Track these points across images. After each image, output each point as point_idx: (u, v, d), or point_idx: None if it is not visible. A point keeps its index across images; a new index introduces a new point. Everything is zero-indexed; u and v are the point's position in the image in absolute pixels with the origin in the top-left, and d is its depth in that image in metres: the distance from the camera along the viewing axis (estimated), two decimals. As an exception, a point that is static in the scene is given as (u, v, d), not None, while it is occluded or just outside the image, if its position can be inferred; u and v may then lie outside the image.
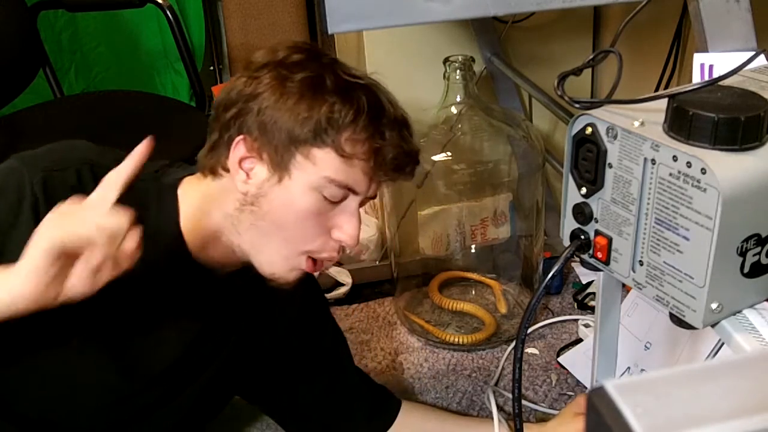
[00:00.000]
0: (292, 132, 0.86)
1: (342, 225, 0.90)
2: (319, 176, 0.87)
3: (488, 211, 1.63)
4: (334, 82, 0.87)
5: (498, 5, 0.99)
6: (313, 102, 0.86)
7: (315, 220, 0.89)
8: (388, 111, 0.90)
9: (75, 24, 2.40)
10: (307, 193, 0.87)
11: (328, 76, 0.88)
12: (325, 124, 0.86)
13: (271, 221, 0.89)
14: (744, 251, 0.66)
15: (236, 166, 0.89)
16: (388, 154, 0.88)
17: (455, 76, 1.49)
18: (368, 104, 0.88)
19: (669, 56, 1.61)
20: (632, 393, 0.34)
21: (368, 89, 0.89)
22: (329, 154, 0.86)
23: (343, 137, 0.86)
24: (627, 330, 1.27)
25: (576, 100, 0.71)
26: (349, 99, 0.87)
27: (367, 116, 0.87)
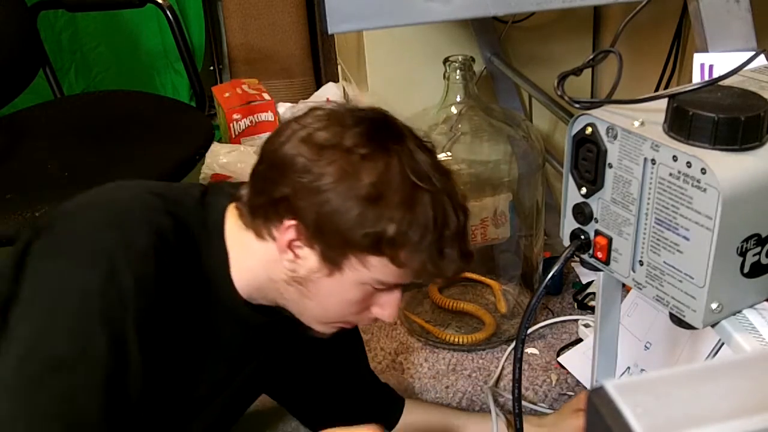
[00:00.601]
0: (350, 238, 0.84)
1: (383, 305, 0.92)
2: (371, 277, 0.87)
3: (488, 211, 1.63)
4: (401, 192, 0.83)
5: (498, 5, 0.99)
6: (378, 215, 0.83)
7: (359, 304, 0.91)
8: (450, 224, 0.86)
9: (75, 24, 2.40)
10: (357, 287, 0.88)
11: (394, 182, 0.83)
12: (386, 241, 0.83)
13: (317, 303, 0.90)
14: (744, 251, 0.66)
15: (284, 247, 0.87)
16: (443, 269, 0.87)
17: (455, 76, 1.49)
18: (434, 221, 0.84)
19: (669, 56, 1.61)
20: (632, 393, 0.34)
21: (435, 196, 0.85)
22: (384, 262, 0.85)
23: (402, 252, 0.84)
24: (627, 330, 1.27)
25: (576, 100, 0.71)
26: (415, 216, 0.83)
27: (432, 236, 0.84)
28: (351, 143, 0.84)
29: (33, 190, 1.42)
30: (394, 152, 0.85)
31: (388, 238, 0.83)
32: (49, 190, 1.42)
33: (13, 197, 1.40)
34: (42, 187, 1.43)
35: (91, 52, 2.48)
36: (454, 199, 0.87)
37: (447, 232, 0.86)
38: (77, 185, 1.43)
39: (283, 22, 2.63)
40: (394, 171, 0.83)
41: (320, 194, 0.83)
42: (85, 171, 1.49)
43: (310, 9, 2.66)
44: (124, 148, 1.58)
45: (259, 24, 2.63)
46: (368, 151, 0.83)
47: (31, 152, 1.60)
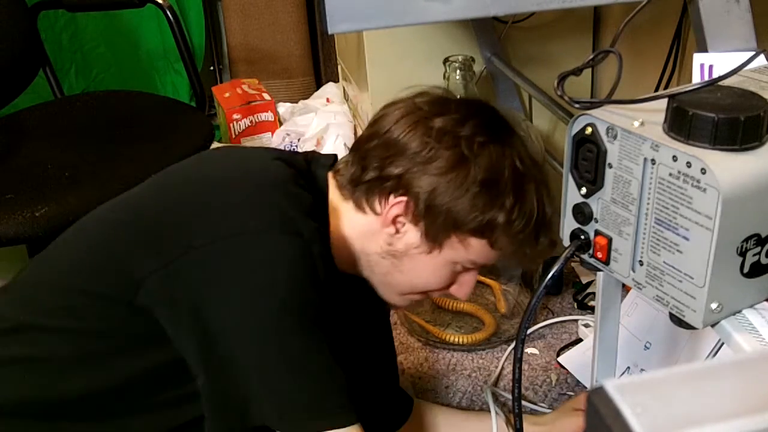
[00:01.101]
0: (459, 220, 0.88)
1: (462, 284, 0.97)
2: (467, 258, 0.92)
3: (488, 211, 1.63)
4: (511, 182, 0.89)
5: (498, 5, 0.99)
6: (490, 202, 0.88)
7: (445, 281, 0.95)
8: (547, 213, 0.92)
9: (75, 24, 2.40)
10: (449, 265, 0.93)
11: (505, 173, 0.89)
12: (494, 226, 0.89)
13: (407, 277, 0.94)
14: (744, 251, 0.66)
15: (389, 221, 0.91)
16: (533, 255, 0.93)
17: (455, 76, 1.49)
18: (537, 210, 0.90)
19: (669, 56, 1.61)
20: (632, 393, 0.34)
21: (536, 185, 0.91)
22: (484, 245, 0.91)
23: (504, 237, 0.90)
24: (627, 330, 1.27)
25: (576, 100, 0.71)
26: (523, 204, 0.89)
27: (532, 226, 0.90)
28: (469, 132, 0.89)
29: (33, 190, 1.42)
30: (507, 143, 0.91)
31: (497, 224, 0.88)
32: (49, 190, 1.42)
33: (13, 197, 1.40)
34: (42, 187, 1.44)
35: (91, 52, 2.48)
36: (548, 188, 0.93)
37: (543, 223, 0.91)
38: (77, 185, 1.44)
39: (283, 22, 2.63)
40: (507, 160, 0.89)
41: (436, 177, 0.87)
42: (85, 171, 1.49)
43: (310, 9, 2.66)
44: (124, 148, 1.58)
45: (259, 24, 2.63)
46: (484, 140, 0.89)
47: (31, 152, 1.60)
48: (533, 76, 1.68)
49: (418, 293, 0.98)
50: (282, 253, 0.82)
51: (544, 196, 0.92)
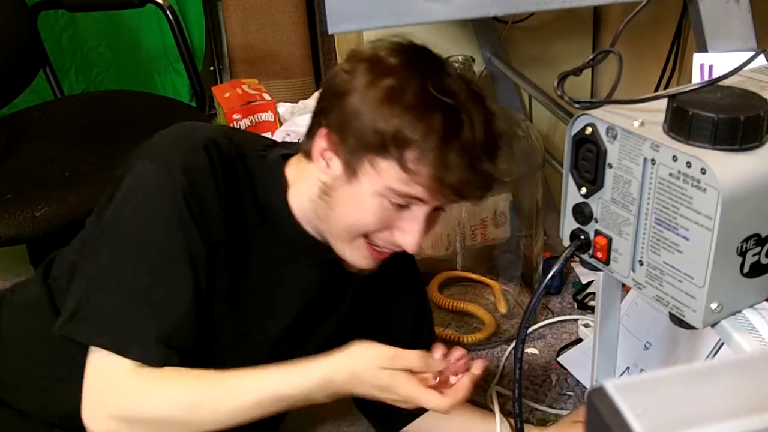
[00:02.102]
0: (362, 138, 0.88)
1: (405, 229, 0.93)
2: (383, 185, 0.89)
3: (488, 211, 1.63)
4: (415, 96, 0.87)
5: (498, 5, 0.99)
6: (388, 114, 0.87)
7: (378, 219, 0.92)
8: (463, 135, 0.87)
9: (75, 24, 2.40)
10: (373, 198, 0.90)
11: (411, 88, 0.87)
12: (391, 139, 0.86)
13: (338, 214, 0.93)
14: (744, 251, 0.66)
15: (318, 155, 0.93)
16: (449, 180, 0.88)
17: (455, 76, 1.49)
18: (443, 126, 0.86)
19: (669, 56, 1.61)
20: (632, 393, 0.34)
21: (451, 109, 0.87)
22: (393, 167, 0.88)
23: (408, 155, 0.87)
24: (626, 330, 1.27)
25: (576, 100, 0.71)
26: (422, 118, 0.86)
27: (438, 139, 0.86)
28: (384, 54, 0.90)
29: (33, 190, 1.42)
30: (422, 68, 0.89)
31: (390, 135, 0.86)
32: (49, 190, 1.42)
33: (13, 197, 1.40)
34: (42, 187, 1.43)
35: (91, 52, 2.48)
36: (476, 117, 0.88)
37: (456, 142, 0.87)
38: (77, 185, 1.43)
39: (283, 22, 2.63)
40: (415, 81, 0.88)
41: (345, 98, 0.89)
42: (85, 171, 1.49)
43: (310, 9, 2.65)
44: (124, 148, 1.57)
45: (259, 24, 2.63)
46: (397, 62, 0.89)
47: (31, 152, 1.60)
48: (533, 76, 1.68)
49: (361, 237, 0.94)
50: (142, 177, 0.91)
51: (462, 120, 0.87)
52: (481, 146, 0.89)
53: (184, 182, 0.89)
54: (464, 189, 0.90)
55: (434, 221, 0.97)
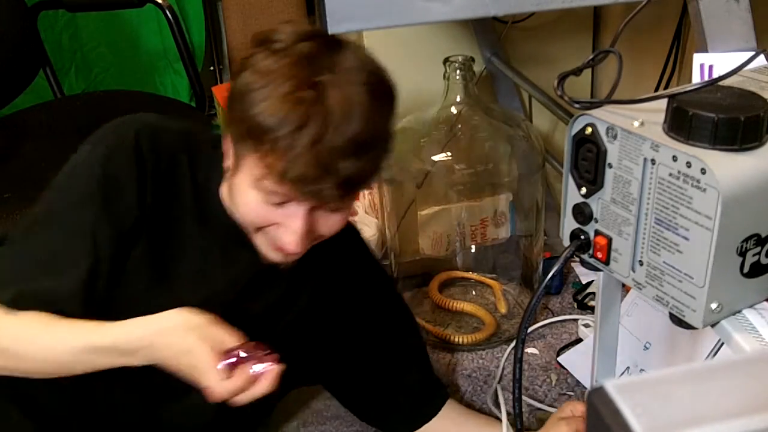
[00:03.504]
0: (236, 127, 0.89)
1: (283, 228, 0.91)
2: (251, 177, 0.88)
3: (488, 211, 1.63)
4: (279, 86, 0.84)
5: (498, 5, 0.99)
6: (251, 103, 0.85)
7: (258, 215, 0.91)
8: (309, 130, 0.83)
9: (75, 24, 2.40)
10: (249, 191, 0.89)
11: (281, 78, 0.84)
12: (252, 129, 0.85)
13: (234, 206, 0.94)
14: (744, 251, 0.66)
15: (228, 152, 0.94)
16: (292, 174, 0.84)
17: (455, 76, 1.49)
18: (298, 119, 0.83)
19: (669, 56, 1.61)
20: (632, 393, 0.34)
21: (312, 103, 0.83)
22: (254, 159, 0.87)
23: (263, 146, 0.85)
24: (626, 330, 1.27)
25: (576, 100, 0.71)
26: (280, 109, 0.83)
27: (288, 132, 0.83)
28: (273, 40, 0.88)
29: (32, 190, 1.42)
30: (300, 59, 0.85)
31: (245, 126, 0.86)
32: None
33: (10, 196, 1.40)
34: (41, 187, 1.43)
35: (91, 52, 2.48)
36: (342, 114, 0.84)
37: (306, 137, 0.83)
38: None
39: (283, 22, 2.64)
40: (287, 71, 0.84)
41: (233, 83, 0.90)
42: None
43: (310, 9, 2.66)
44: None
45: (259, 24, 2.63)
46: (281, 48, 0.86)
47: (30, 152, 1.60)
48: (533, 76, 1.68)
49: (261, 230, 0.94)
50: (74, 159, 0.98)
51: (322, 117, 0.83)
52: (339, 144, 0.84)
53: (103, 166, 0.93)
54: (311, 186, 0.85)
55: (331, 223, 0.93)
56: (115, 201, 0.93)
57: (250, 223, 0.93)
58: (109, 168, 0.94)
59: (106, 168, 0.94)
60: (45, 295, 0.90)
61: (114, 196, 0.93)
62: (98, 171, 0.94)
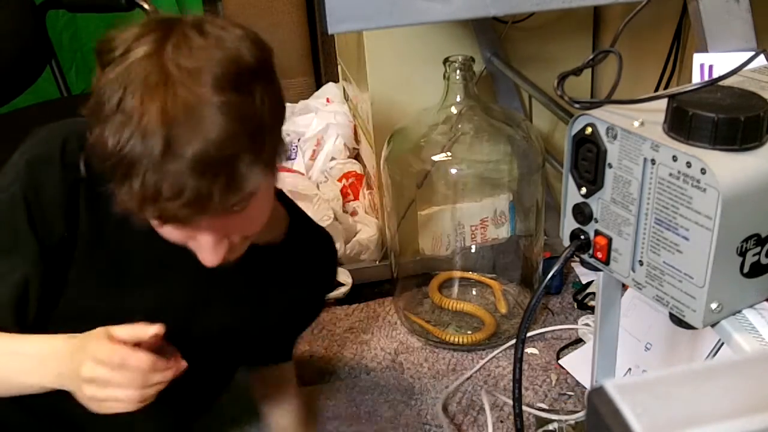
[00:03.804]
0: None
1: (197, 246, 0.85)
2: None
3: (488, 211, 1.63)
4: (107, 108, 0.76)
5: (498, 5, 0.99)
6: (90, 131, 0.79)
7: (167, 232, 0.84)
8: (144, 159, 0.73)
9: (75, 24, 2.40)
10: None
11: (106, 98, 0.76)
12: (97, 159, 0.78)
13: None
14: (744, 251, 0.66)
15: None
16: (135, 200, 0.76)
17: (455, 76, 1.49)
18: (128, 146, 0.74)
19: (669, 56, 1.61)
20: (632, 393, 0.34)
21: (138, 122, 0.73)
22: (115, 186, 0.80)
23: (113, 174, 0.77)
24: (625, 331, 1.27)
25: (576, 100, 0.71)
26: (107, 134, 0.75)
27: (119, 160, 0.75)
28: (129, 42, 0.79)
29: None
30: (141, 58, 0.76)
31: (94, 151, 0.78)
32: None
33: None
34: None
35: (91, 52, 2.47)
36: (163, 136, 0.73)
37: (133, 160, 0.74)
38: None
39: (283, 22, 2.63)
40: (112, 86, 0.76)
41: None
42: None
43: (310, 9, 2.65)
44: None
45: (259, 24, 2.62)
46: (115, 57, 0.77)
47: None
48: (533, 76, 1.68)
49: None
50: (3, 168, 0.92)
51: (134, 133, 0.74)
52: (175, 166, 0.74)
53: (26, 175, 0.89)
54: (156, 209, 0.76)
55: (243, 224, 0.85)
56: (40, 219, 0.89)
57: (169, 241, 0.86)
58: (33, 185, 0.88)
59: (30, 181, 0.88)
60: None
61: (38, 213, 0.89)
62: (21, 185, 0.88)
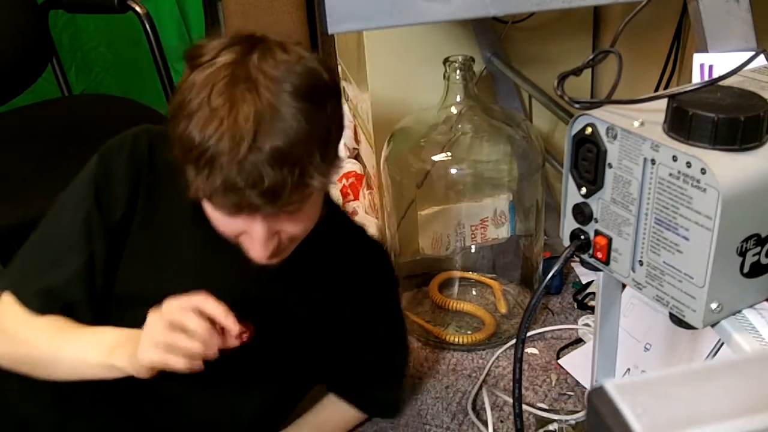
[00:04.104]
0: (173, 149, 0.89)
1: (248, 237, 0.92)
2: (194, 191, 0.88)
3: (488, 211, 1.63)
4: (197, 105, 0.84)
5: (498, 5, 0.99)
6: (175, 125, 0.87)
7: (223, 224, 0.92)
8: (232, 146, 0.82)
9: (75, 24, 2.40)
10: (206, 203, 0.91)
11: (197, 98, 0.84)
12: (179, 150, 0.87)
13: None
14: (744, 251, 0.66)
15: None
16: (216, 187, 0.85)
17: (455, 76, 1.49)
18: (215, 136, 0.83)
19: (669, 56, 1.61)
20: (632, 393, 0.34)
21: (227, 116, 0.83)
22: (191, 176, 0.87)
23: (193, 165, 0.86)
24: (625, 331, 1.27)
25: (576, 100, 0.71)
26: (196, 127, 0.84)
27: (206, 149, 0.83)
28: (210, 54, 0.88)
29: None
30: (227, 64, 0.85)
31: (180, 144, 0.86)
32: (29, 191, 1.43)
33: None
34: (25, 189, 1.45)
35: (91, 52, 2.48)
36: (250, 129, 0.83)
37: (218, 150, 0.83)
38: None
39: (283, 22, 2.63)
40: (202, 86, 0.84)
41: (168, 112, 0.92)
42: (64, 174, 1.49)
43: (310, 9, 2.65)
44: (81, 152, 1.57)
45: (259, 24, 2.63)
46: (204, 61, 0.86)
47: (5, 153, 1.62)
48: (533, 76, 1.68)
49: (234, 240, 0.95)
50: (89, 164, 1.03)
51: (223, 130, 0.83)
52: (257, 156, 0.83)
53: (99, 167, 1.01)
54: (235, 197, 0.85)
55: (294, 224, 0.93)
56: (106, 197, 1.00)
57: (222, 233, 0.94)
58: (103, 168, 1.00)
59: (102, 166, 1.00)
60: (50, 293, 0.98)
61: (105, 192, 1.00)
62: (94, 172, 1.01)
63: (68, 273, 0.99)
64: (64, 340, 0.97)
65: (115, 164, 1.00)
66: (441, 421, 1.35)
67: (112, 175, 1.00)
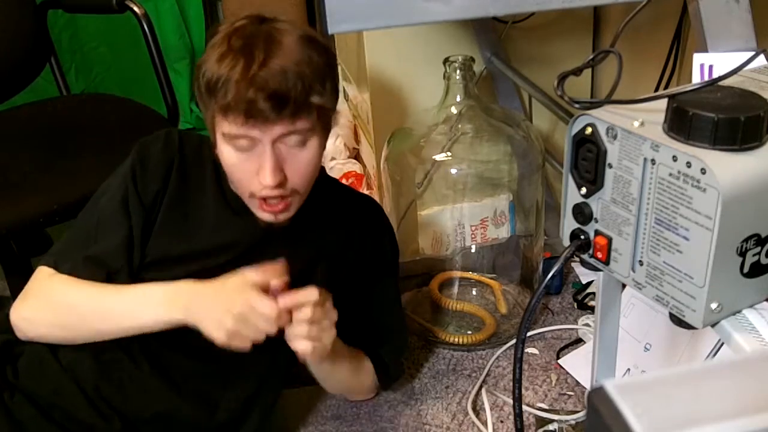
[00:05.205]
0: (198, 96, 1.06)
1: (260, 168, 1.03)
2: (220, 133, 1.04)
3: (488, 211, 1.63)
4: (217, 43, 1.03)
5: (498, 5, 0.99)
6: (199, 74, 1.04)
7: (242, 166, 1.05)
8: (244, 66, 0.99)
9: (75, 24, 2.40)
10: (224, 147, 1.05)
11: (216, 47, 1.03)
12: (201, 93, 1.04)
13: (226, 167, 1.08)
14: (744, 251, 0.66)
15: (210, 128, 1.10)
16: (230, 100, 0.99)
17: (455, 76, 1.49)
18: (231, 63, 1.00)
19: (669, 56, 1.61)
20: (632, 393, 0.34)
21: (241, 48, 1.01)
22: (213, 113, 1.03)
23: (213, 97, 1.01)
24: (625, 331, 1.27)
25: (576, 100, 0.71)
26: (215, 62, 1.02)
27: (224, 76, 1.00)
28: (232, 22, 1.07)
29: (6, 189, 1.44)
30: (241, 24, 1.05)
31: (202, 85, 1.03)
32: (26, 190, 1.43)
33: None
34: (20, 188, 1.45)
35: (91, 52, 2.48)
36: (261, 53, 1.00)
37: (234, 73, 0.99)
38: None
39: (284, 22, 2.63)
40: (220, 38, 1.04)
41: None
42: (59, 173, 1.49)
43: (310, 9, 2.65)
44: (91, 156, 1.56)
45: (259, 24, 2.63)
46: (223, 27, 1.05)
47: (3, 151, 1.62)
48: (533, 76, 1.68)
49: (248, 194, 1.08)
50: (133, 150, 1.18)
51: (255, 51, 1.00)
52: (266, 71, 0.99)
53: (137, 155, 1.16)
54: (245, 105, 0.98)
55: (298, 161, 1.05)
56: (142, 179, 1.14)
57: (237, 181, 1.08)
58: (140, 156, 1.16)
59: (140, 154, 1.16)
60: (96, 259, 1.11)
61: (142, 175, 1.14)
62: (133, 157, 1.16)
63: (112, 243, 1.12)
64: (117, 294, 1.09)
65: (151, 151, 1.16)
66: (441, 421, 1.35)
67: (149, 160, 1.15)
